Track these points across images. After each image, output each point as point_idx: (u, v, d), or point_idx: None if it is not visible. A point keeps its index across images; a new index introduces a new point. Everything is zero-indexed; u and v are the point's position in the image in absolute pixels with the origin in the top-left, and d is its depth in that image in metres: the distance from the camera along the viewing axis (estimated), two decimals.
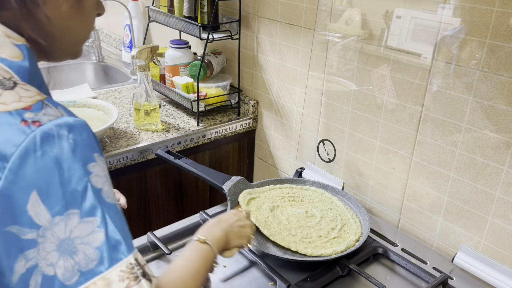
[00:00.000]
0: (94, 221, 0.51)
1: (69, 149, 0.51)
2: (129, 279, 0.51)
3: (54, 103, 0.54)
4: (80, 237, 0.50)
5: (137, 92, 1.46)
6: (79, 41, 0.68)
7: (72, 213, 0.50)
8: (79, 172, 0.51)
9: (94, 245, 0.51)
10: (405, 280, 1.03)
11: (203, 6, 1.54)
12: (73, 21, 0.63)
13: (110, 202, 0.54)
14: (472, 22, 0.97)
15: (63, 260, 0.50)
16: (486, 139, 1.00)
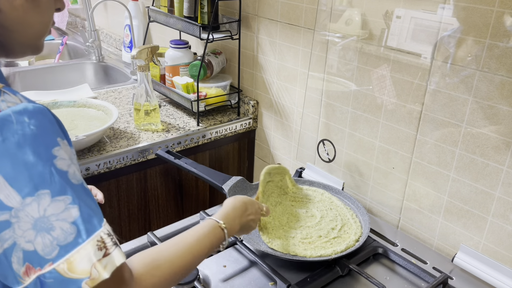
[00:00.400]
0: (66, 199, 0.54)
1: (31, 135, 0.52)
2: (105, 248, 0.54)
3: (12, 91, 0.55)
4: (55, 214, 0.52)
5: (137, 92, 1.46)
6: (38, 35, 0.66)
7: (43, 193, 0.52)
8: (44, 156, 0.53)
9: (70, 220, 0.53)
10: (405, 280, 1.03)
11: (203, 6, 1.54)
12: (29, 14, 0.62)
13: (75, 183, 0.56)
14: (472, 22, 0.97)
15: (41, 237, 0.52)
16: (486, 139, 1.00)
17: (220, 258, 1.06)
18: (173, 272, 0.68)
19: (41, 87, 1.99)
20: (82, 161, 1.29)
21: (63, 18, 2.80)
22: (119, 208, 1.42)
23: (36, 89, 1.90)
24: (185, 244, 0.73)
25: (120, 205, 1.42)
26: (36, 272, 0.52)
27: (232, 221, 0.85)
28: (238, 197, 0.92)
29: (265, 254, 1.03)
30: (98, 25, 2.47)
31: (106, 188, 1.37)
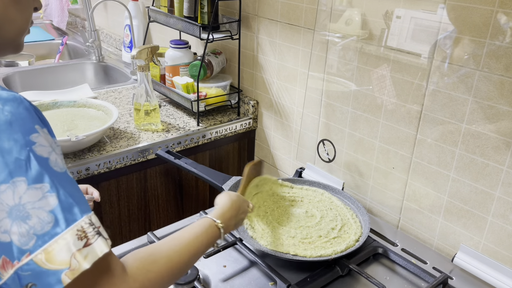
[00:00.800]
0: (43, 186, 0.52)
1: (5, 121, 0.52)
2: (86, 238, 0.53)
3: None
4: (31, 202, 0.51)
5: (137, 92, 1.46)
6: (18, 32, 0.66)
7: (18, 181, 0.51)
8: (20, 142, 0.52)
9: (47, 209, 0.51)
10: (405, 280, 1.03)
11: (203, 6, 1.54)
12: (9, 10, 0.62)
13: (58, 171, 0.54)
14: (472, 22, 0.97)
15: (17, 226, 0.50)
16: (486, 139, 1.00)
17: (220, 258, 1.06)
18: (169, 268, 0.67)
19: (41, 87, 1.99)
20: (82, 161, 1.29)
21: (63, 18, 2.80)
22: (119, 208, 1.42)
23: (36, 89, 1.90)
24: (182, 240, 0.73)
25: (120, 205, 1.42)
26: (14, 267, 0.50)
27: (228, 220, 0.86)
28: (231, 195, 0.93)
29: (265, 254, 1.03)
30: (98, 25, 2.47)
31: (106, 188, 1.37)
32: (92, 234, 0.53)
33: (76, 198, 0.54)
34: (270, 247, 1.04)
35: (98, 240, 0.53)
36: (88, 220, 0.54)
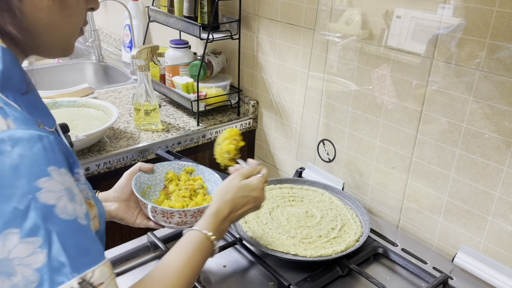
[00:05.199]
0: (36, 241, 0.48)
1: (11, 165, 0.48)
2: None
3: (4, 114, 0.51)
4: (19, 258, 0.47)
5: (137, 92, 1.46)
6: (66, 37, 0.63)
7: (11, 233, 0.47)
8: (22, 190, 0.48)
9: (34, 267, 0.48)
10: (405, 280, 1.03)
11: (203, 6, 1.54)
12: (56, 17, 0.59)
13: (64, 218, 0.50)
14: (472, 22, 0.97)
15: (0, 281, 0.47)
16: (486, 139, 1.00)
17: (220, 258, 1.06)
18: None
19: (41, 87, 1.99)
20: (82, 161, 1.29)
21: None
22: None
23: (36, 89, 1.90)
24: (176, 267, 0.67)
25: None
26: None
27: (220, 226, 0.78)
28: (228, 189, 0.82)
29: (265, 254, 1.03)
30: (98, 25, 2.47)
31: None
32: None
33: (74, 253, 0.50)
34: (270, 247, 1.04)
35: None
36: (76, 283, 0.49)
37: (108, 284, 0.52)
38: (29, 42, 0.59)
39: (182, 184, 1.04)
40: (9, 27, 0.56)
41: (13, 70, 0.57)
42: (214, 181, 1.04)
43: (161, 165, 1.06)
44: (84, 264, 0.51)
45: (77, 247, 0.51)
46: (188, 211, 0.90)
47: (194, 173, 1.08)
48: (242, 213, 0.83)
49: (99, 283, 0.51)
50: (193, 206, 0.97)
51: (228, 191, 0.82)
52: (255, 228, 1.10)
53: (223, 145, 0.99)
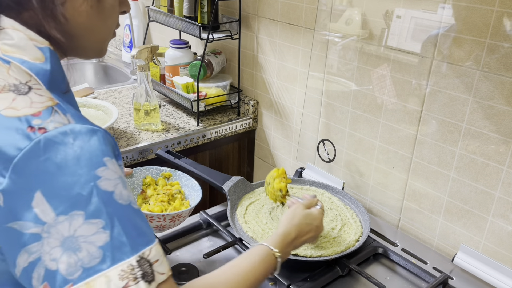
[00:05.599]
0: (99, 222, 0.53)
1: (73, 156, 0.53)
2: (128, 279, 0.53)
3: (63, 110, 0.55)
4: (84, 236, 0.52)
5: (137, 92, 1.46)
6: (101, 39, 0.69)
7: (77, 214, 0.52)
8: (85, 178, 0.53)
9: (98, 245, 0.52)
10: (405, 280, 1.03)
11: (203, 6, 1.54)
12: (93, 20, 0.64)
13: (122, 203, 0.55)
14: (472, 22, 0.97)
15: (67, 256, 0.51)
16: (486, 139, 1.00)
17: (220, 258, 1.06)
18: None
19: None
20: None
21: None
22: None
23: None
24: (240, 271, 0.72)
25: None
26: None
27: (286, 247, 0.84)
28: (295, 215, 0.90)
29: None
30: None
31: None
32: (135, 276, 0.53)
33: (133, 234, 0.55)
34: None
35: (139, 284, 0.53)
36: (135, 261, 0.54)
37: (162, 261, 0.57)
38: (70, 44, 0.64)
39: (160, 188, 1.07)
40: (53, 31, 0.61)
41: (58, 71, 0.62)
42: (192, 187, 1.07)
43: (139, 169, 1.08)
44: (142, 244, 0.55)
45: (135, 228, 0.55)
46: (167, 215, 0.94)
47: (172, 178, 1.10)
48: (304, 241, 0.90)
49: (155, 260, 0.56)
50: (171, 211, 1.00)
51: (295, 217, 0.90)
52: (255, 228, 1.10)
53: (275, 184, 1.06)
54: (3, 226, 0.52)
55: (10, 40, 0.59)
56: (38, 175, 0.51)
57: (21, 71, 0.57)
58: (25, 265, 0.52)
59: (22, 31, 0.60)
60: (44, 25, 0.60)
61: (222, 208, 1.23)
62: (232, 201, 1.17)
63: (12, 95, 0.54)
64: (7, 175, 0.51)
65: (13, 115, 0.53)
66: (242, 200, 1.20)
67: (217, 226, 1.13)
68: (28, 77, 0.57)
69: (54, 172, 0.52)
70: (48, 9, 0.60)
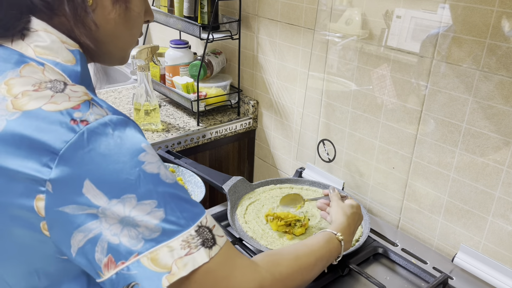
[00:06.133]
0: (152, 203, 0.55)
1: (115, 145, 0.55)
2: (189, 247, 0.56)
3: (99, 103, 0.58)
4: (140, 215, 0.54)
5: (137, 92, 1.46)
6: (125, 47, 0.71)
7: (128, 197, 0.54)
8: (129, 164, 0.55)
9: (155, 222, 0.55)
10: (405, 280, 1.03)
11: (203, 6, 1.54)
12: (120, 28, 0.67)
13: (169, 182, 0.58)
14: (472, 22, 0.97)
15: (127, 230, 0.54)
16: (486, 139, 1.00)
17: None
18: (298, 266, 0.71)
19: None
20: None
21: None
22: None
23: None
24: (307, 247, 0.77)
25: None
26: (118, 267, 0.54)
27: (347, 235, 0.88)
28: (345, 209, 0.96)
29: None
30: None
31: None
32: (195, 244, 0.56)
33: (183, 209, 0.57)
34: (270, 247, 1.04)
35: (200, 251, 0.56)
36: (193, 231, 0.57)
37: (218, 227, 0.60)
38: (97, 50, 0.67)
39: None
40: (83, 37, 0.64)
41: (86, 73, 0.65)
42: (195, 183, 1.06)
43: None
44: (197, 213, 0.58)
45: (187, 202, 0.58)
46: None
47: (175, 174, 1.09)
48: (356, 228, 0.96)
49: (213, 226, 0.59)
50: None
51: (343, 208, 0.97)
52: (255, 228, 1.10)
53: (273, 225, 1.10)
54: (54, 210, 0.54)
55: (43, 42, 0.61)
56: (85, 164, 0.53)
57: (55, 72, 0.59)
58: (80, 245, 0.54)
59: (54, 33, 0.62)
60: (74, 31, 0.63)
61: (222, 208, 1.23)
62: (232, 201, 1.17)
63: (50, 92, 0.56)
64: (54, 166, 0.53)
65: (55, 110, 0.54)
66: (242, 200, 1.20)
67: None
68: (62, 78, 0.59)
69: (99, 161, 0.54)
70: (80, 15, 0.62)
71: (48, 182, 0.53)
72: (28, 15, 0.61)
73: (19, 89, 0.56)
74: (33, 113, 0.54)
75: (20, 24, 0.61)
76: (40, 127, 0.54)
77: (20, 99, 0.55)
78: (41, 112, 0.54)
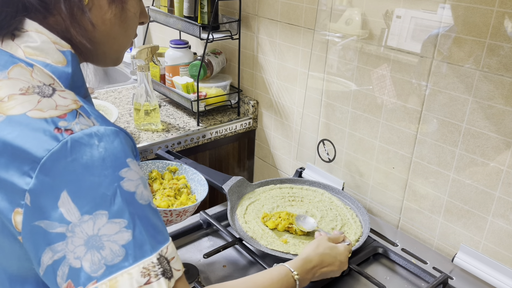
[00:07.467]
0: (122, 222, 0.54)
1: (99, 157, 0.54)
2: (149, 276, 0.54)
3: (87, 112, 0.57)
4: (107, 235, 0.53)
5: (137, 92, 1.46)
6: (120, 48, 0.71)
7: (101, 214, 0.53)
8: (109, 178, 0.54)
9: (120, 243, 0.53)
10: (405, 280, 1.03)
11: (203, 6, 1.54)
12: (115, 28, 0.67)
13: (142, 203, 0.56)
14: (472, 22, 0.97)
15: (90, 254, 0.53)
16: (486, 139, 1.00)
17: (220, 258, 1.06)
18: None
19: None
20: None
21: None
22: None
23: None
24: (257, 284, 0.74)
25: None
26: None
27: (306, 273, 0.85)
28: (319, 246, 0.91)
29: (265, 254, 1.03)
30: None
31: None
32: (156, 273, 0.55)
33: (151, 234, 0.56)
34: (270, 247, 1.04)
35: (160, 281, 0.54)
36: (155, 259, 0.55)
37: (177, 259, 0.58)
38: (92, 51, 0.66)
39: (166, 183, 1.06)
40: (79, 37, 0.63)
41: (78, 74, 0.64)
42: (198, 181, 1.06)
43: (145, 163, 1.07)
44: (160, 242, 0.57)
45: (154, 227, 0.57)
46: (174, 210, 0.93)
47: (178, 172, 1.10)
48: (325, 272, 0.90)
49: (172, 257, 0.57)
50: (178, 206, 1.00)
51: (319, 246, 0.91)
52: (255, 228, 1.10)
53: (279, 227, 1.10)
54: (30, 225, 0.53)
55: (34, 43, 0.60)
56: (65, 175, 0.52)
57: (44, 74, 0.58)
58: (49, 263, 0.53)
59: (45, 34, 0.61)
60: (70, 30, 0.62)
61: (222, 208, 1.23)
62: (232, 201, 1.17)
63: (37, 97, 0.55)
64: (34, 175, 0.52)
65: (40, 117, 0.53)
66: (242, 200, 1.20)
67: (217, 226, 1.13)
68: (51, 80, 0.58)
69: (80, 172, 0.53)
70: (76, 15, 0.61)
71: (27, 194, 0.52)
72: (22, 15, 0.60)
73: (6, 91, 0.55)
74: (17, 118, 0.53)
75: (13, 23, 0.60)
76: (23, 134, 0.52)
77: (6, 103, 0.54)
78: (25, 118, 0.53)
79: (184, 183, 1.06)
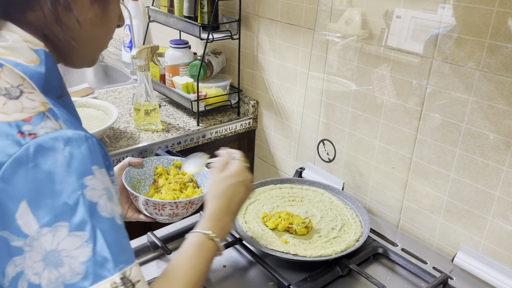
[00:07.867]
0: (83, 235, 0.51)
1: (63, 162, 0.51)
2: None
3: (55, 115, 0.54)
4: (67, 250, 0.50)
5: (137, 92, 1.46)
6: (98, 49, 0.69)
7: (61, 226, 0.50)
8: (72, 186, 0.51)
9: (80, 260, 0.50)
10: (405, 280, 1.03)
11: (203, 6, 1.54)
12: (96, 29, 0.65)
13: (105, 216, 0.53)
14: (472, 22, 0.97)
15: (48, 271, 0.50)
16: (486, 139, 1.00)
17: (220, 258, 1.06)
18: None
19: None
20: None
21: None
22: None
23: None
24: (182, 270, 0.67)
25: None
26: None
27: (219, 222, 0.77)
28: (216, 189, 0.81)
29: (265, 254, 1.03)
30: None
31: None
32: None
33: (114, 250, 0.52)
34: (270, 247, 1.04)
35: None
36: (118, 278, 0.52)
37: (144, 283, 0.55)
38: (69, 50, 0.64)
39: (172, 178, 1.06)
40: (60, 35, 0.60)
41: (53, 74, 0.60)
42: (204, 175, 1.06)
43: (150, 159, 1.07)
44: (124, 261, 0.53)
45: (117, 244, 0.53)
46: (179, 202, 0.92)
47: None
48: (239, 201, 0.82)
49: (137, 281, 0.54)
50: (184, 198, 0.98)
51: (213, 188, 0.82)
52: (255, 228, 1.10)
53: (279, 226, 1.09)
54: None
55: (4, 42, 0.57)
56: (26, 183, 0.50)
57: (14, 74, 0.55)
58: (13, 275, 0.51)
59: (17, 32, 0.58)
60: (50, 27, 0.60)
61: None
62: None
63: (3, 99, 0.52)
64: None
65: (3, 120, 0.51)
66: None
67: None
68: (21, 81, 0.55)
69: (41, 179, 0.50)
70: (58, 12, 0.59)
71: None
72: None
73: None
74: None
75: None
76: None
77: None
78: None
79: (189, 177, 1.06)
